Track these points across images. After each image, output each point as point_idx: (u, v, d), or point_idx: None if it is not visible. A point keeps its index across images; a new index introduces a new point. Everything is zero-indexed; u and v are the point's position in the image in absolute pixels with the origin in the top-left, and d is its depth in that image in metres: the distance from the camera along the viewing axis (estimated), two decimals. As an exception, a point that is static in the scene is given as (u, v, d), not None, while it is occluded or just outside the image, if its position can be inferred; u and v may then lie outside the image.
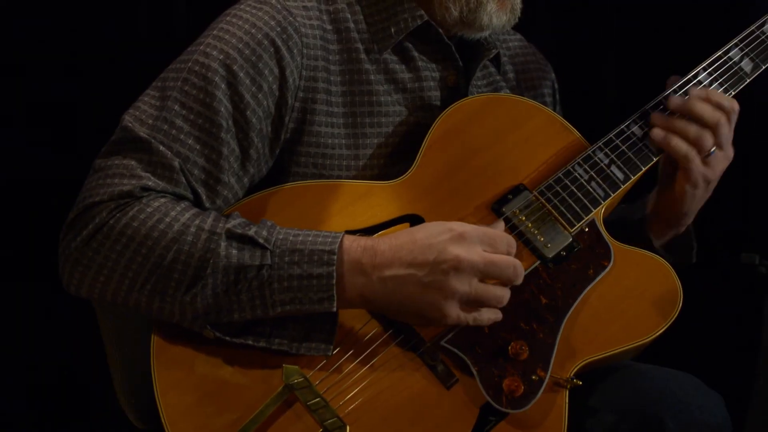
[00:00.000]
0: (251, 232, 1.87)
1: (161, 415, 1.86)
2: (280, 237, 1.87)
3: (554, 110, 2.36)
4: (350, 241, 1.88)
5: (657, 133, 2.11)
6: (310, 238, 1.87)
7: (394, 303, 1.87)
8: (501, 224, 1.97)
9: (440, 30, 2.12)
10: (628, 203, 2.26)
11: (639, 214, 2.24)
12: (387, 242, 1.88)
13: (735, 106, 2.12)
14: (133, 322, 2.06)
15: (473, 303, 1.87)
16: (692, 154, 2.09)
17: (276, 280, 1.85)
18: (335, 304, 1.85)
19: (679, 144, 2.09)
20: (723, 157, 2.12)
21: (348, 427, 1.85)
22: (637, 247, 2.06)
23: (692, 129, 2.09)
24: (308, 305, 1.85)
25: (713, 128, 2.09)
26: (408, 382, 1.91)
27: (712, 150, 2.09)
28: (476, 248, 1.86)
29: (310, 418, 1.86)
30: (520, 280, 1.89)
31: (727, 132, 2.11)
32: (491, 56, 2.19)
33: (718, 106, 2.10)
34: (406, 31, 2.10)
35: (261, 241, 1.86)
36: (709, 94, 2.11)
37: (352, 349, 1.91)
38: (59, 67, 2.77)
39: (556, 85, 2.41)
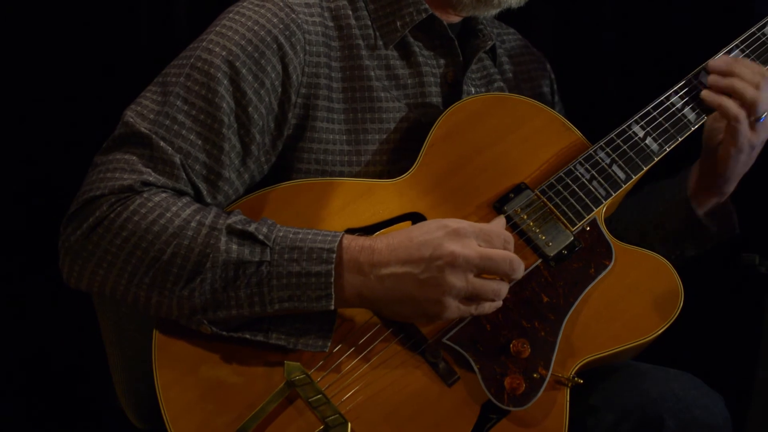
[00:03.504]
0: (251, 228, 1.87)
1: (163, 412, 1.86)
2: (280, 234, 1.88)
3: (553, 102, 2.38)
4: (349, 240, 1.88)
5: (707, 94, 2.13)
6: (309, 236, 1.87)
7: (393, 301, 1.87)
8: (502, 220, 1.98)
9: (444, 23, 2.13)
10: (668, 179, 2.27)
11: (681, 185, 2.24)
12: (384, 241, 1.88)
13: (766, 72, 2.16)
14: (134, 322, 2.06)
15: (471, 297, 1.87)
16: (742, 116, 2.11)
17: (275, 276, 1.85)
18: (333, 303, 1.86)
19: (731, 105, 2.12)
20: None
21: (349, 424, 1.85)
22: (638, 247, 2.06)
23: (749, 90, 2.11)
24: (306, 303, 1.85)
25: (758, 89, 2.11)
26: (409, 380, 1.91)
27: (764, 115, 2.12)
28: (471, 243, 1.86)
29: (311, 415, 1.86)
30: (518, 275, 1.89)
31: None
32: (487, 48, 2.20)
33: (757, 71, 2.14)
34: (411, 24, 2.11)
35: (261, 237, 1.86)
36: (743, 60, 2.16)
37: (353, 346, 1.91)
38: (59, 67, 2.77)
39: (553, 76, 2.41)
